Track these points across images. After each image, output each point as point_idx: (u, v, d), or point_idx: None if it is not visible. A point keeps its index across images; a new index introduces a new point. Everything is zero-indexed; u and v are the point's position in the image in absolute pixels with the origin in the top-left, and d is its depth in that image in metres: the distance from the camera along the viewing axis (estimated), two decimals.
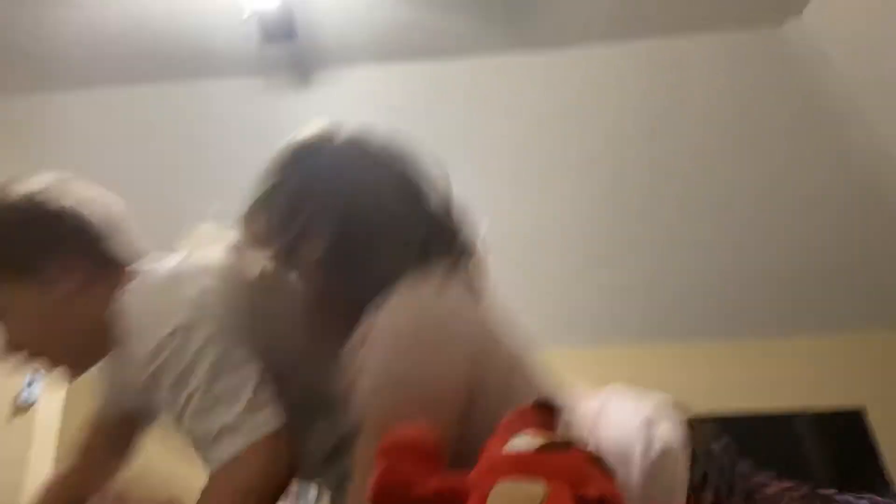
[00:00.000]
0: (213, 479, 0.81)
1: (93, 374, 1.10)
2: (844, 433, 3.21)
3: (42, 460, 2.62)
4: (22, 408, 2.60)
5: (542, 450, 0.52)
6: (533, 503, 0.46)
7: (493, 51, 3.35)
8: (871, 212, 3.37)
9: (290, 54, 3.27)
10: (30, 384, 2.61)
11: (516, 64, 3.38)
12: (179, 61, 3.27)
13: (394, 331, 0.73)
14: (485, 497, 0.48)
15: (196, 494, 0.81)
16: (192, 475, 0.87)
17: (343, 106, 3.41)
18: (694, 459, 0.81)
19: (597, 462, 0.54)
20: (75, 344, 0.99)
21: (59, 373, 1.00)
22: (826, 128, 3.31)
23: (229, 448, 0.80)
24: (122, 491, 1.06)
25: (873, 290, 3.42)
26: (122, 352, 0.91)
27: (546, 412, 0.62)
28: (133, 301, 0.89)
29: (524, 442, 0.54)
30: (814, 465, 3.15)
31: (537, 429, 0.58)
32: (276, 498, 0.83)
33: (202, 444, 0.82)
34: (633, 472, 0.75)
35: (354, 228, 0.84)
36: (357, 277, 0.83)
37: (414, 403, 0.69)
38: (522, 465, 0.51)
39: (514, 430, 0.58)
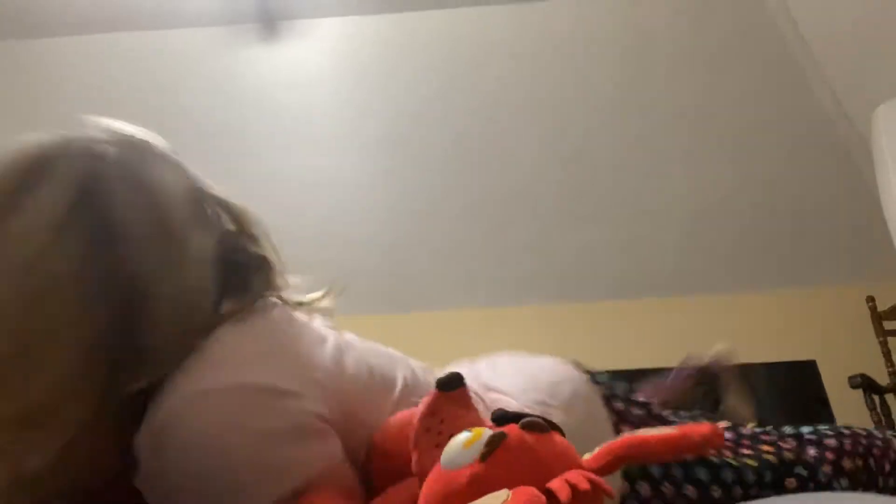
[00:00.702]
0: None
1: None
2: (798, 383, 3.35)
3: None
4: None
5: (486, 453, 0.48)
6: (499, 502, 0.42)
7: (461, 3, 3.32)
8: (826, 170, 3.46)
9: (257, 5, 3.20)
10: None
11: (486, 15, 3.35)
12: (145, 10, 3.19)
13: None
14: None
15: None
16: None
17: (310, 58, 3.37)
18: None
19: (537, 428, 0.51)
20: None
21: None
22: (788, 83, 3.36)
23: None
24: None
25: (825, 248, 3.53)
26: None
27: (454, 391, 0.55)
28: None
29: (462, 454, 0.49)
30: (767, 413, 3.29)
31: (461, 420, 0.53)
32: None
33: None
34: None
35: None
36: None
37: None
38: (476, 485, 0.46)
39: (437, 431, 0.53)
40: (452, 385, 0.55)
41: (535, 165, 3.51)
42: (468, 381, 0.76)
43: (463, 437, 0.50)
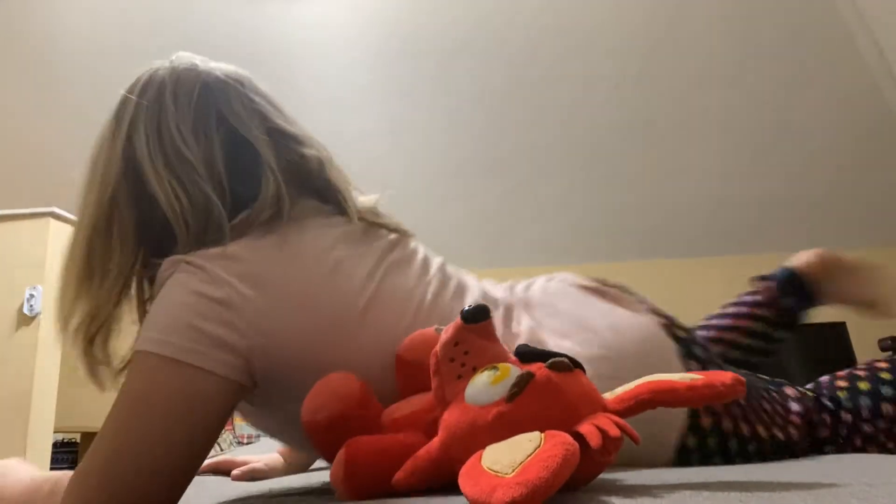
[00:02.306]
0: None
1: None
2: (827, 345, 3.32)
3: (48, 370, 2.69)
4: (26, 319, 2.65)
5: (514, 394, 0.48)
6: (530, 448, 0.42)
7: None
8: (869, 133, 3.37)
9: None
10: (32, 296, 2.65)
11: None
12: None
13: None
14: (479, 459, 0.44)
15: None
16: None
17: (332, 12, 3.33)
18: None
19: (562, 368, 0.50)
20: None
21: None
22: (831, 47, 3.25)
23: None
24: None
25: (859, 210, 3.46)
26: None
27: (478, 323, 0.55)
28: None
29: (488, 391, 0.49)
30: (795, 375, 3.27)
31: (486, 353, 0.53)
32: None
33: None
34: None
35: None
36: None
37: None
38: (502, 424, 0.47)
39: (460, 363, 0.53)
40: (477, 317, 0.54)
41: (563, 123, 3.46)
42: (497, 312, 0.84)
43: (490, 373, 0.51)
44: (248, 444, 3.17)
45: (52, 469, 2.74)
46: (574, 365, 0.52)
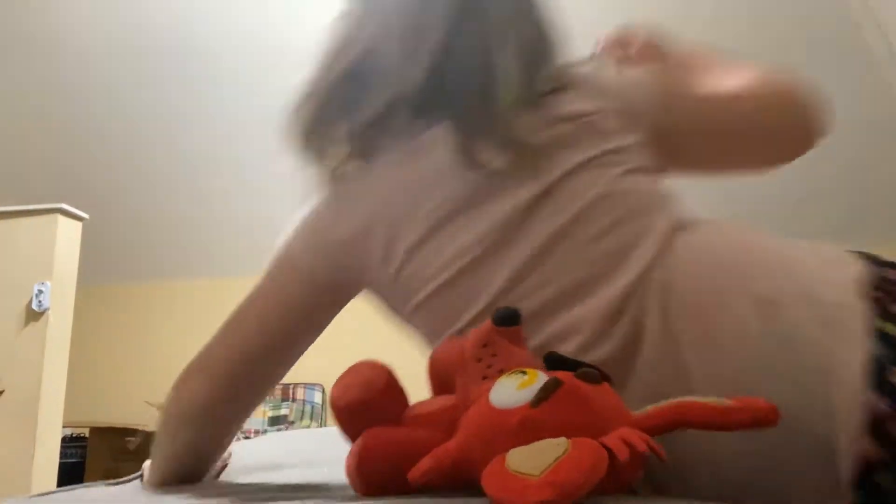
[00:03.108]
0: None
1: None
2: None
3: (56, 365, 2.70)
4: (35, 314, 2.66)
5: (540, 399, 0.47)
6: (558, 451, 0.41)
7: None
8: (876, 128, 3.35)
9: None
10: (40, 292, 2.66)
11: None
12: None
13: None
14: (503, 461, 0.43)
15: None
16: None
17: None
18: None
19: (591, 379, 0.49)
20: None
21: None
22: (838, 41, 3.23)
23: None
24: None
25: (868, 206, 3.45)
26: None
27: (509, 328, 0.54)
28: None
29: (515, 395, 0.48)
30: None
31: (514, 357, 0.52)
32: None
33: None
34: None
35: None
36: None
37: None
38: (527, 429, 0.46)
39: (487, 364, 0.52)
40: (508, 321, 0.54)
41: None
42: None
43: (517, 377, 0.50)
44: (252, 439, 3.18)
45: (60, 464, 2.75)
46: (603, 377, 0.51)
